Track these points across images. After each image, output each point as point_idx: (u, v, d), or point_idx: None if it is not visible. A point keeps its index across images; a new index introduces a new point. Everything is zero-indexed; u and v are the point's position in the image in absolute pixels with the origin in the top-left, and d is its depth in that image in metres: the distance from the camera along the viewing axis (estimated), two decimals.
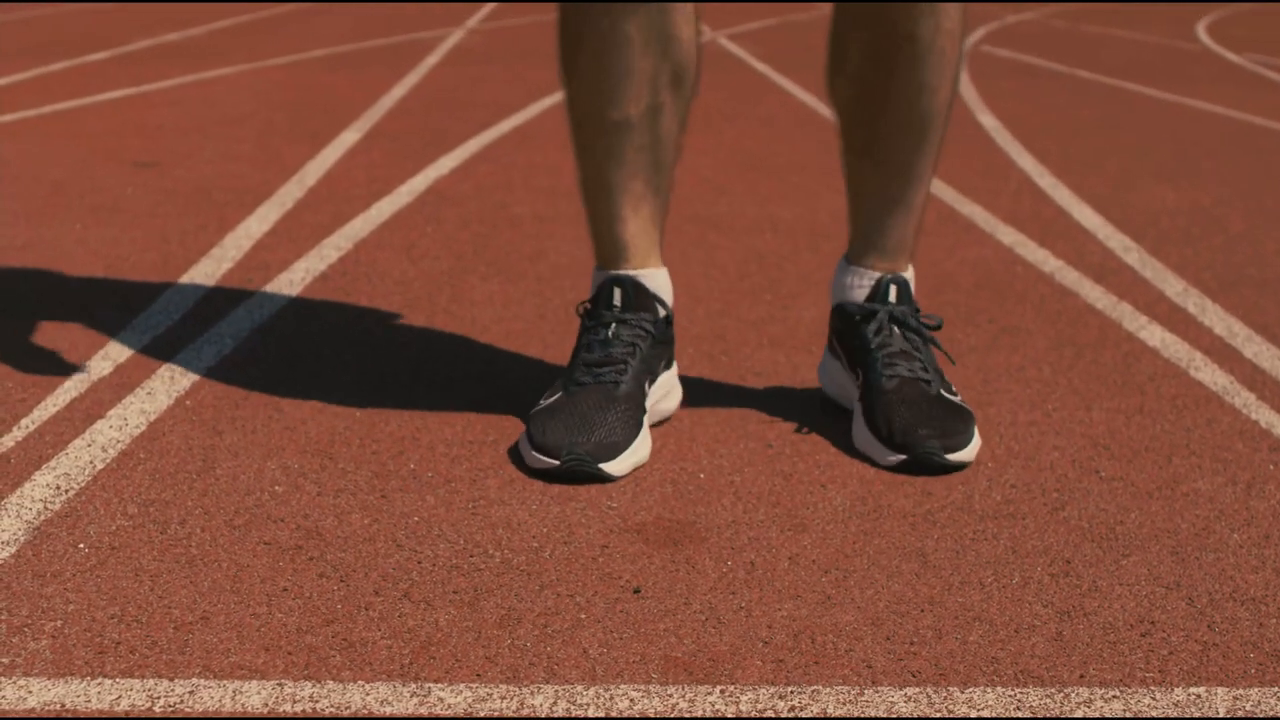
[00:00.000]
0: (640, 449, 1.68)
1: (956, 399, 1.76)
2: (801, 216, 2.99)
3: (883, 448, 1.69)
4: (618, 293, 1.77)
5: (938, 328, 1.83)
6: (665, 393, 1.81)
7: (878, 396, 1.74)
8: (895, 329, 1.79)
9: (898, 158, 1.78)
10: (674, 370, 1.84)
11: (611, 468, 1.63)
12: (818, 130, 4.19)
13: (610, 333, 1.76)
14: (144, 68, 5.28)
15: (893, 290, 1.81)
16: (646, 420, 1.73)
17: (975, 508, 1.58)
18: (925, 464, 1.66)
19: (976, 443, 1.70)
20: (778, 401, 1.90)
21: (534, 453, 1.64)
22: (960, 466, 1.67)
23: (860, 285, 1.82)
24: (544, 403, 1.72)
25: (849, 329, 1.82)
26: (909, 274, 1.85)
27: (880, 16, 1.70)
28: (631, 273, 1.78)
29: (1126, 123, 4.44)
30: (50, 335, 2.09)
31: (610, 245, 1.79)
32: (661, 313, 1.79)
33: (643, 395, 1.74)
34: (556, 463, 1.62)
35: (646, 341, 1.76)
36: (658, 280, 1.80)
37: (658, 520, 1.53)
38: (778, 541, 1.49)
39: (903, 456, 1.66)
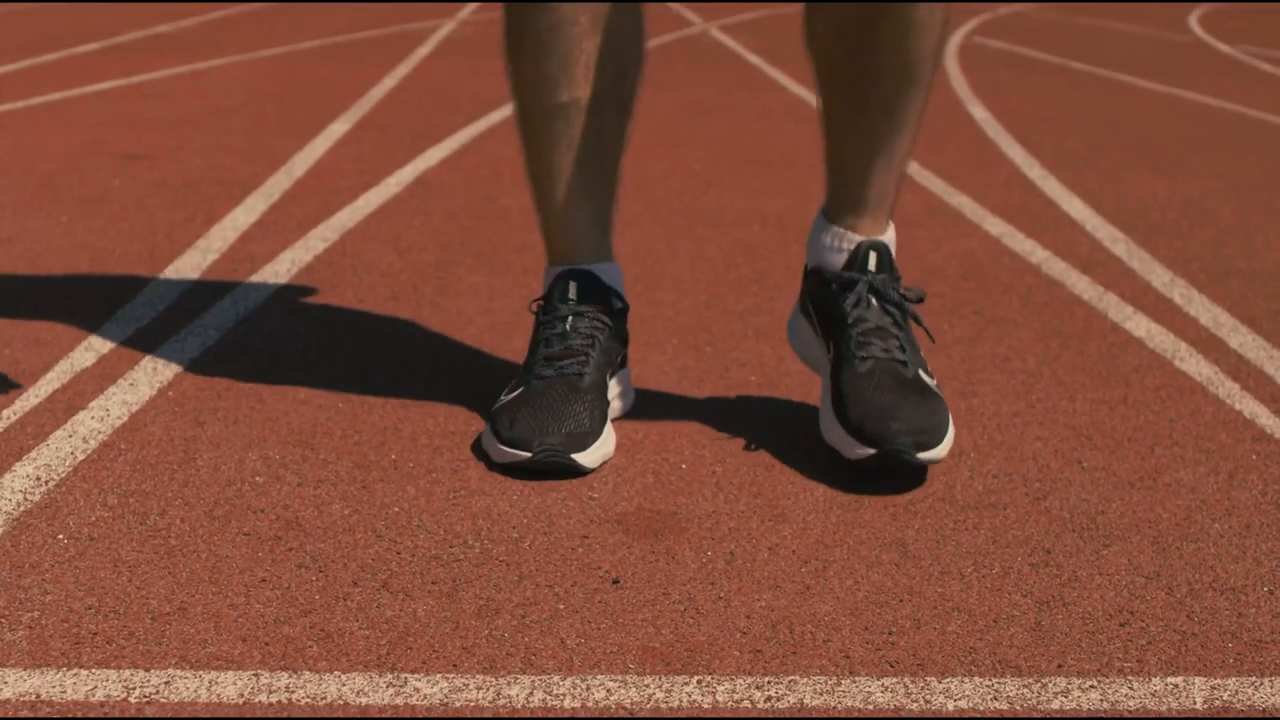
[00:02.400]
0: (608, 441, 1.66)
1: (931, 382, 1.68)
2: (790, 209, 2.99)
3: (851, 440, 1.60)
4: (573, 286, 1.73)
5: (919, 300, 1.73)
6: (619, 391, 1.79)
7: (849, 381, 1.65)
8: (874, 301, 1.70)
9: (882, 102, 1.67)
10: (627, 370, 1.82)
11: (584, 459, 1.61)
12: (809, 123, 4.18)
13: (568, 325, 1.72)
14: (135, 59, 5.27)
15: (872, 257, 1.71)
16: (610, 413, 1.72)
17: (956, 498, 1.58)
18: (895, 462, 1.57)
19: (950, 436, 1.62)
20: (761, 393, 1.90)
21: (502, 447, 1.61)
22: (931, 464, 1.61)
23: (839, 249, 1.72)
24: (505, 398, 1.70)
25: (825, 297, 1.73)
26: (889, 236, 1.75)
27: None
28: (585, 267, 1.76)
29: (1118, 115, 4.43)
30: (33, 326, 2.08)
31: (562, 237, 1.77)
32: (617, 305, 1.76)
33: (605, 387, 1.72)
34: (528, 455, 1.59)
35: (604, 333, 1.73)
36: (611, 274, 1.78)
37: (638, 510, 1.53)
38: (758, 532, 1.49)
39: (871, 451, 1.58)
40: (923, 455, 1.57)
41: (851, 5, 1.63)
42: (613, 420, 1.77)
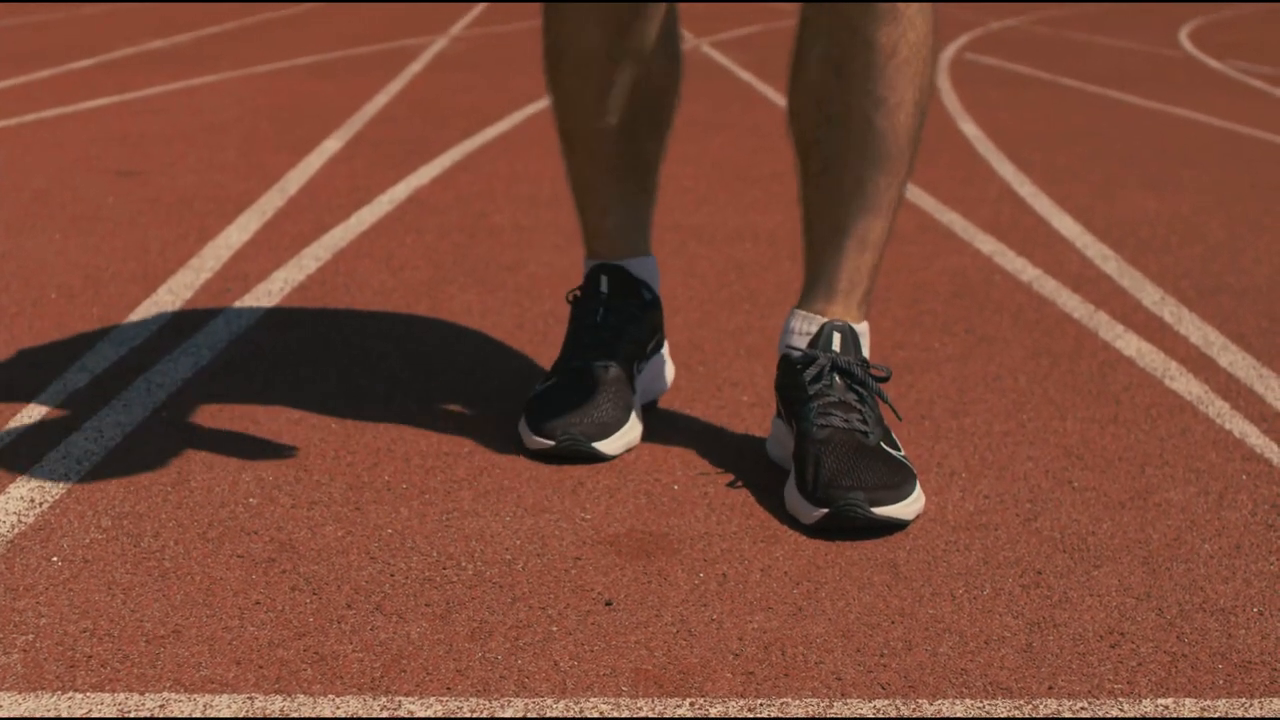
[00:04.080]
0: (631, 430, 1.75)
1: (898, 454, 1.61)
2: (782, 225, 3.00)
3: (805, 502, 1.54)
4: (604, 280, 1.83)
5: (886, 379, 1.67)
6: (656, 374, 1.90)
7: (807, 446, 1.59)
8: (837, 378, 1.64)
9: (855, 183, 1.64)
10: (664, 351, 1.92)
11: (605, 447, 1.71)
12: None
13: (598, 318, 1.82)
14: (128, 75, 5.28)
15: (836, 338, 1.65)
16: (637, 401, 1.81)
17: (948, 518, 1.58)
18: (846, 518, 1.51)
19: (914, 501, 1.55)
20: (754, 412, 1.90)
21: (532, 434, 1.72)
22: (892, 523, 1.53)
23: (804, 331, 1.68)
24: (539, 388, 1.79)
25: (789, 379, 1.67)
26: (862, 328, 1.70)
27: (839, 19, 1.58)
28: (618, 262, 1.85)
29: (1108, 130, 4.45)
30: (27, 346, 2.09)
31: (596, 238, 1.87)
32: (647, 297, 1.85)
33: (631, 378, 1.81)
34: (552, 443, 1.70)
35: (633, 325, 1.83)
36: (644, 268, 1.87)
37: (631, 532, 1.54)
38: (750, 553, 1.49)
39: (825, 511, 1.52)
40: (878, 511, 1.52)
41: (825, 75, 1.61)
42: (653, 402, 1.91)
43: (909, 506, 1.55)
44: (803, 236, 1.74)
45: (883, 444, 1.61)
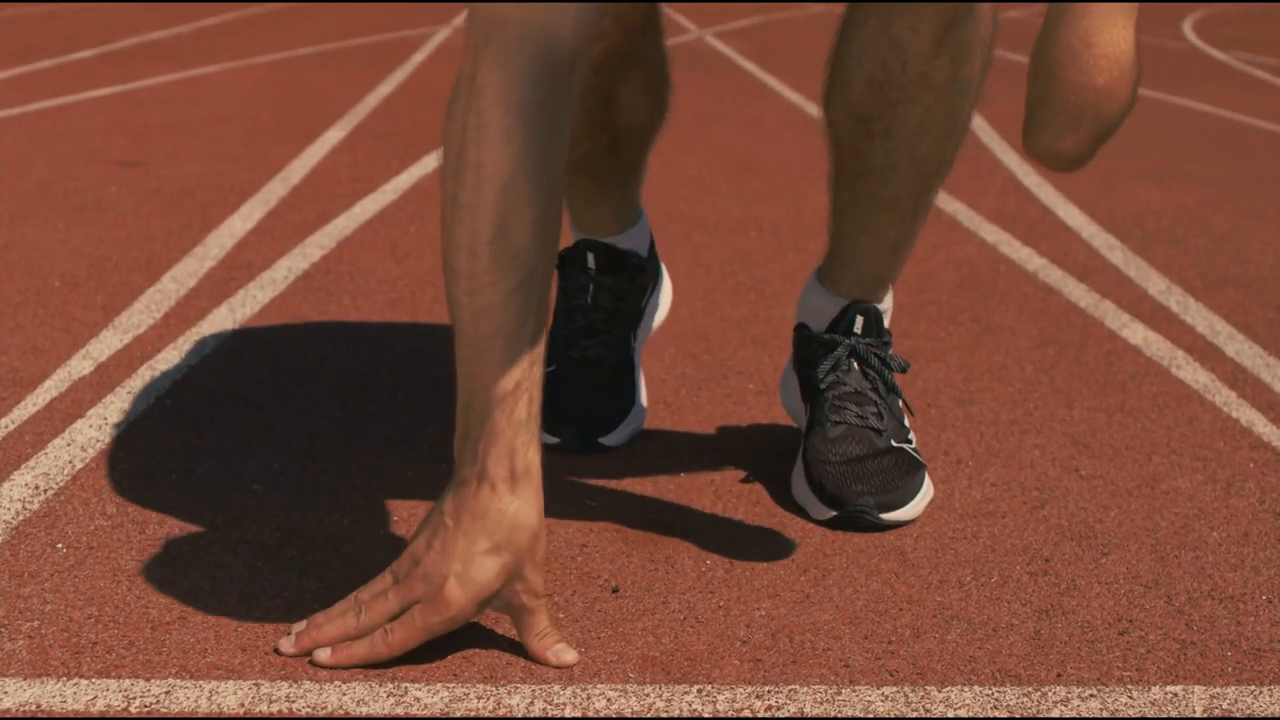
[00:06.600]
0: (635, 419, 1.75)
1: (908, 448, 1.59)
2: (786, 215, 2.99)
3: (816, 501, 1.54)
4: (590, 256, 1.76)
5: (903, 370, 1.64)
6: (653, 310, 1.86)
7: (819, 443, 1.58)
8: (854, 365, 1.61)
9: (892, 195, 1.56)
10: (659, 288, 1.87)
11: (610, 439, 1.72)
12: (804, 130, 4.19)
13: (589, 298, 1.76)
14: (130, 66, 5.27)
15: (859, 321, 1.61)
16: (639, 380, 1.79)
17: (955, 506, 1.58)
18: (857, 523, 1.51)
19: (923, 496, 1.56)
20: (760, 400, 1.90)
21: None
22: (899, 524, 1.53)
23: (825, 310, 1.63)
24: None
25: (807, 356, 1.64)
26: (886, 303, 1.66)
27: (893, 50, 1.48)
28: (603, 240, 1.78)
29: None
30: (31, 334, 2.08)
31: (581, 222, 1.80)
32: (635, 263, 1.78)
33: (631, 351, 1.79)
34: (557, 440, 1.69)
35: (625, 301, 1.77)
36: (632, 238, 1.79)
37: (637, 519, 1.53)
38: (757, 540, 1.49)
39: (834, 512, 1.52)
40: (887, 516, 1.52)
41: (871, 100, 1.51)
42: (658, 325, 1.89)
43: (918, 505, 1.55)
44: (829, 219, 1.65)
45: (893, 440, 1.58)
